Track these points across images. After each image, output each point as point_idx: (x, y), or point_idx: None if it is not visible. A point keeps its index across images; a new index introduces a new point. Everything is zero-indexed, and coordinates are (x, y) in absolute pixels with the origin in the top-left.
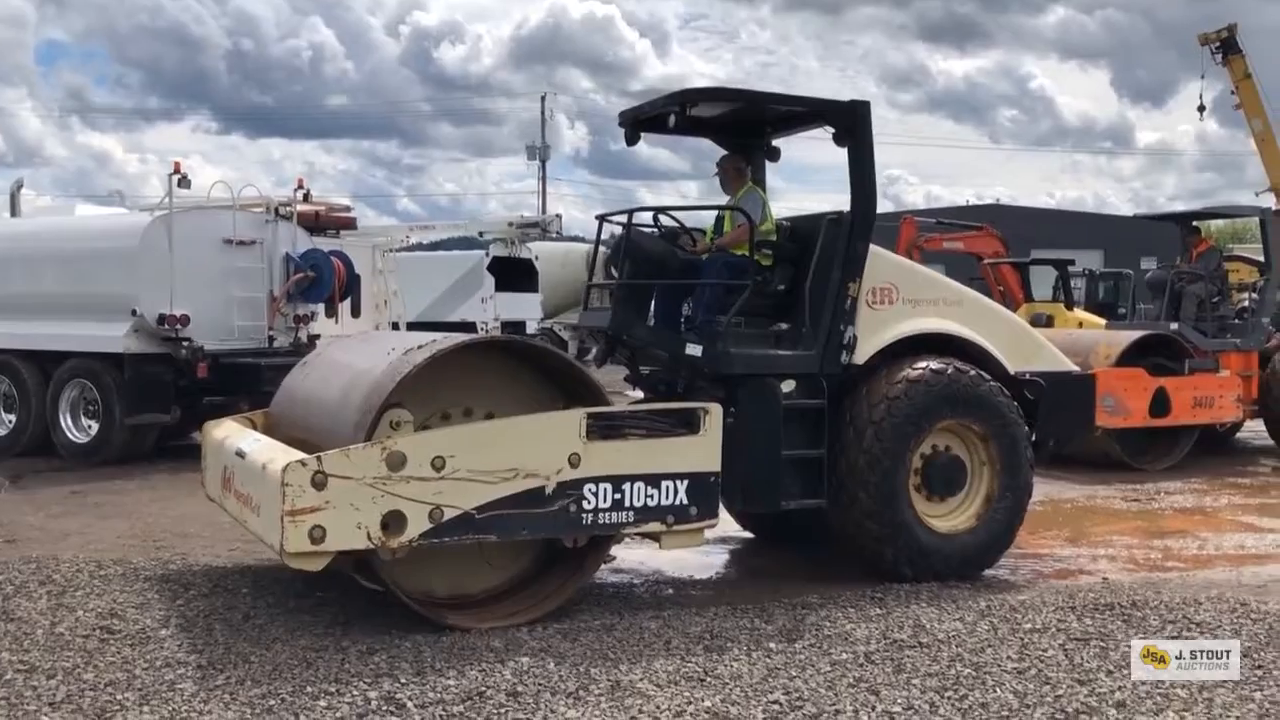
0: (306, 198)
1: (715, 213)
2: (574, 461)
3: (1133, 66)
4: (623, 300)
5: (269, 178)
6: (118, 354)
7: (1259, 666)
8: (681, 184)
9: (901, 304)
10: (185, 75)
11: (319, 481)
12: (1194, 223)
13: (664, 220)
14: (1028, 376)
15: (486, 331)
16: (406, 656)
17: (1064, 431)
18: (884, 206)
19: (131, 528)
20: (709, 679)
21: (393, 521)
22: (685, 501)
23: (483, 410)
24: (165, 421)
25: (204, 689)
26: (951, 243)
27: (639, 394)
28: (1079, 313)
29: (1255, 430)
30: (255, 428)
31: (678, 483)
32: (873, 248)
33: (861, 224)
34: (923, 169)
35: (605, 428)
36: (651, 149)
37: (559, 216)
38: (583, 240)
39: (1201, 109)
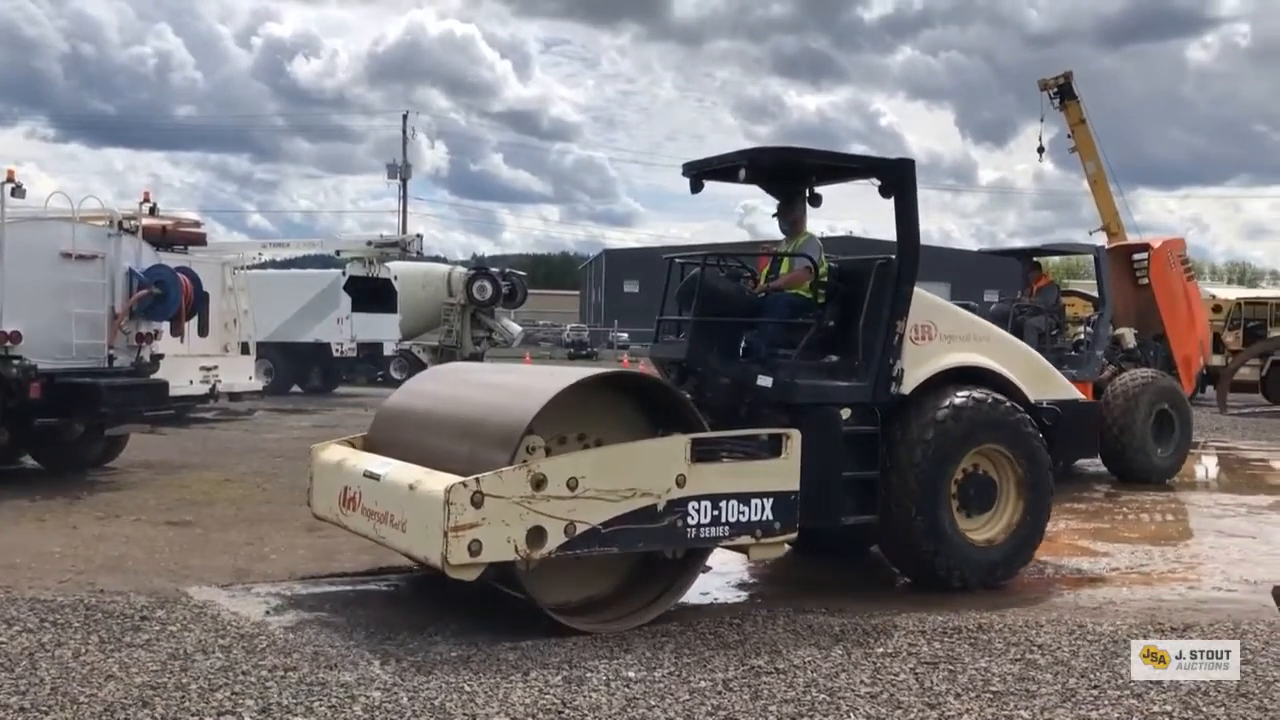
0: (153, 211)
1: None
2: (680, 482)
3: (976, 108)
4: (696, 335)
5: (112, 189)
6: None
7: (1095, 686)
8: (543, 207)
9: (940, 340)
10: (18, 78)
11: (477, 500)
12: (1034, 259)
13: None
14: (1045, 405)
15: (341, 352)
16: (252, 694)
17: (1074, 454)
18: (741, 235)
19: None
20: (567, 711)
21: (535, 536)
22: (771, 517)
23: (592, 435)
24: None
25: None
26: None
27: None
28: None
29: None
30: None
31: (764, 500)
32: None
33: (908, 268)
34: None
35: (705, 451)
36: (512, 170)
37: (420, 236)
38: (443, 261)
39: (1041, 150)
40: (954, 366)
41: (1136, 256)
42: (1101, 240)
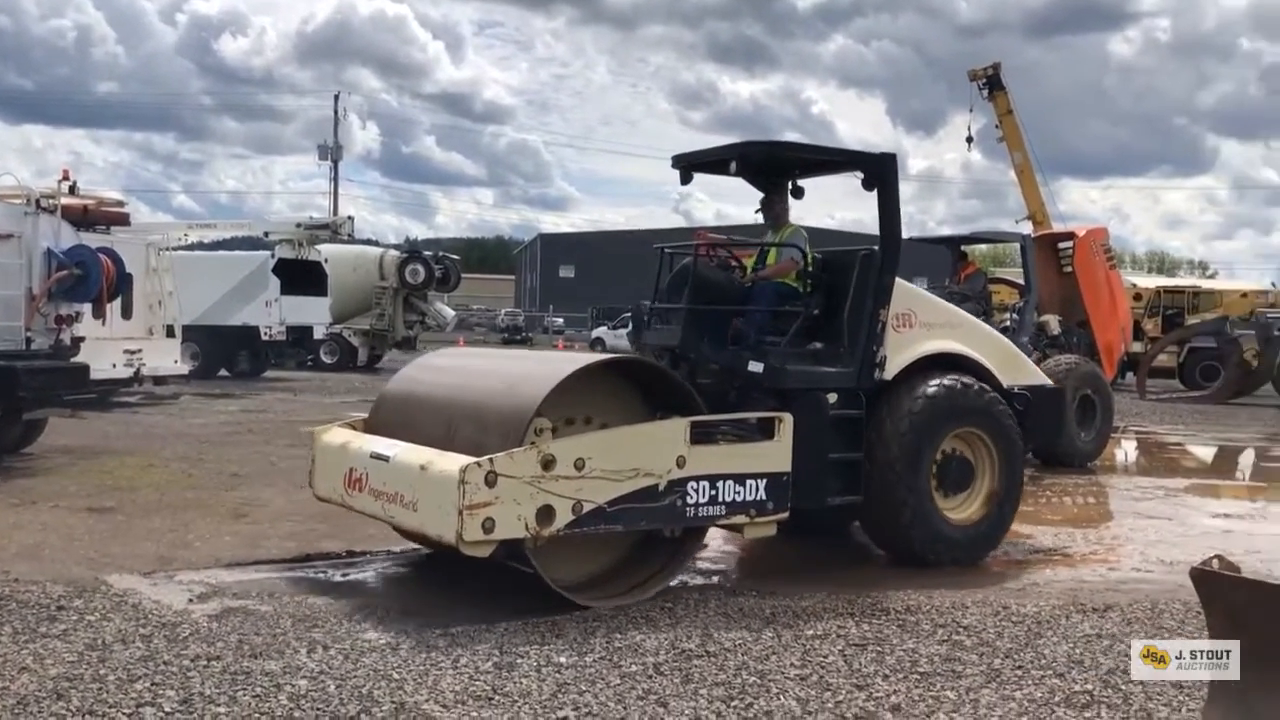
0: (73, 190)
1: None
2: (681, 463)
3: (906, 97)
4: (689, 323)
5: (30, 167)
6: None
7: (1019, 667)
8: (477, 190)
9: (919, 327)
10: None
11: (490, 480)
12: (962, 247)
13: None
14: (1016, 390)
15: (270, 336)
16: (173, 684)
17: (1043, 437)
18: (674, 221)
19: None
20: (497, 697)
21: (544, 514)
22: (764, 497)
23: (595, 419)
24: None
25: None
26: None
27: None
28: None
29: None
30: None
31: (758, 481)
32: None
33: (890, 259)
34: (713, 187)
35: (703, 434)
36: (445, 153)
37: (351, 218)
38: (375, 244)
39: (969, 140)
40: (933, 353)
41: (1061, 245)
42: (1027, 229)
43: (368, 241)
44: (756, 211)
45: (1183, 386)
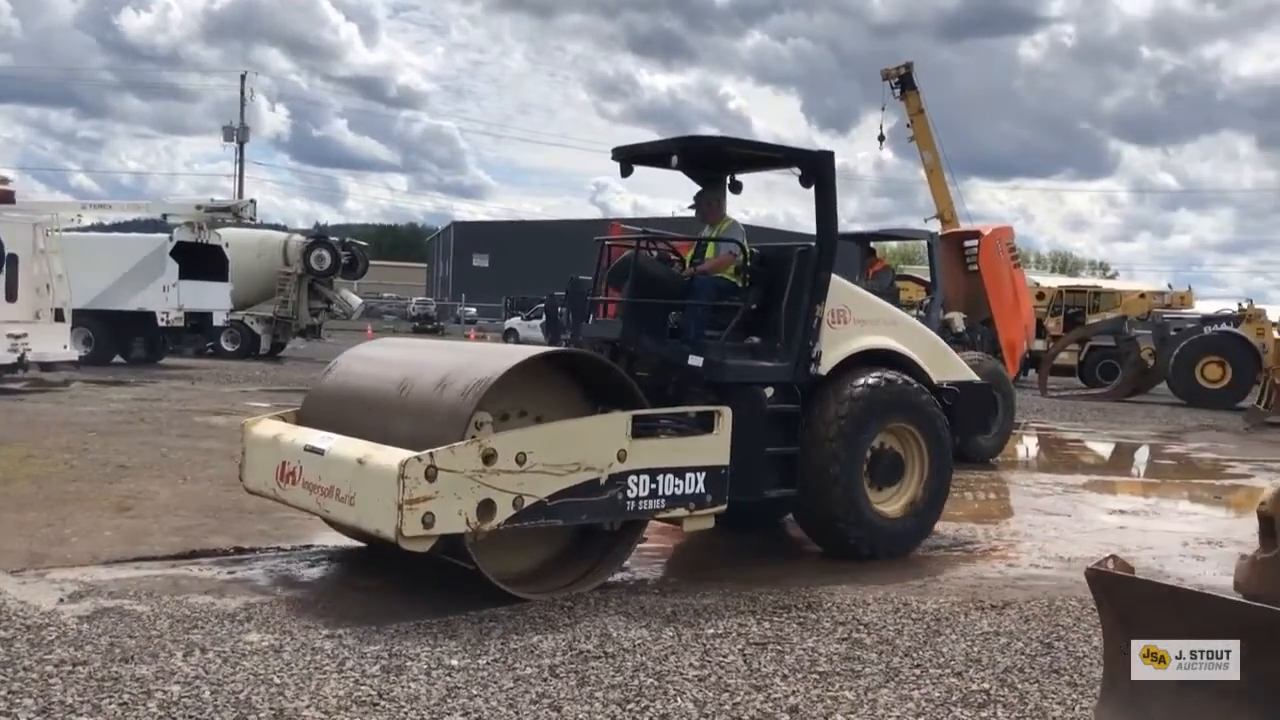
0: None
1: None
2: (621, 457)
3: (821, 95)
4: (629, 316)
5: None
6: None
7: (918, 665)
8: (389, 176)
9: (854, 323)
10: None
11: (430, 474)
12: (871, 243)
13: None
14: (945, 385)
15: (167, 322)
16: (31, 692)
17: (970, 430)
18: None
19: None
20: (383, 703)
21: (485, 508)
22: (703, 490)
23: (533, 412)
24: None
25: None
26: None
27: None
28: None
29: None
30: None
31: (697, 474)
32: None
33: (826, 255)
34: (629, 179)
35: (643, 427)
36: (357, 137)
37: (253, 202)
38: (281, 228)
39: (881, 139)
40: (867, 349)
41: (967, 243)
42: (936, 227)
43: (275, 226)
44: (690, 207)
45: (1082, 384)
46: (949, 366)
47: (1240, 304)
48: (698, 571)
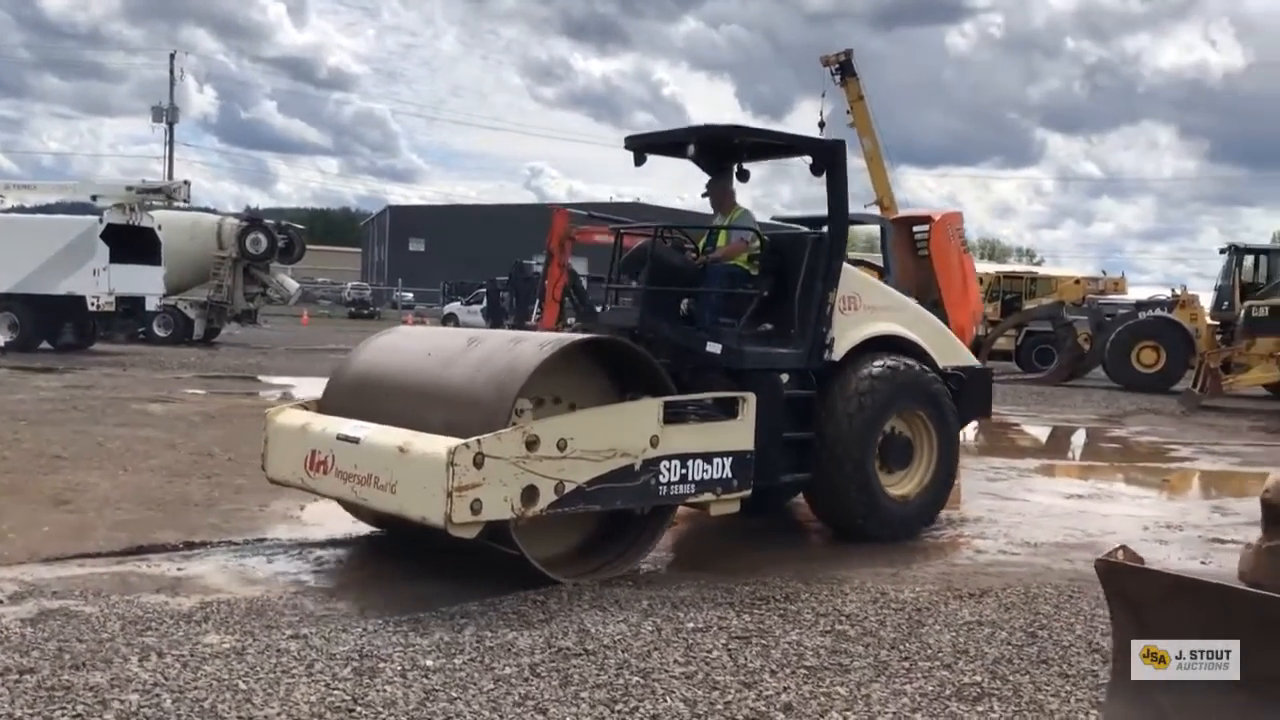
0: None
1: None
2: (654, 442)
3: (755, 81)
4: (648, 303)
5: None
6: None
7: (906, 658)
8: (320, 159)
9: (864, 310)
10: None
11: (478, 461)
12: (824, 228)
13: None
14: (950, 370)
15: (98, 306)
16: None
17: (974, 414)
18: (527, 198)
19: None
20: (359, 708)
21: (529, 494)
22: (730, 475)
23: (565, 399)
24: None
25: None
26: (603, 235)
27: None
28: None
29: None
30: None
31: (724, 459)
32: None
33: (837, 243)
34: (565, 164)
35: (674, 413)
36: (287, 119)
37: (187, 183)
38: (213, 211)
39: (821, 125)
40: (877, 335)
41: (917, 228)
42: (875, 213)
43: (205, 209)
44: (704, 195)
45: (1019, 369)
46: (954, 352)
47: (1174, 290)
48: (668, 560)
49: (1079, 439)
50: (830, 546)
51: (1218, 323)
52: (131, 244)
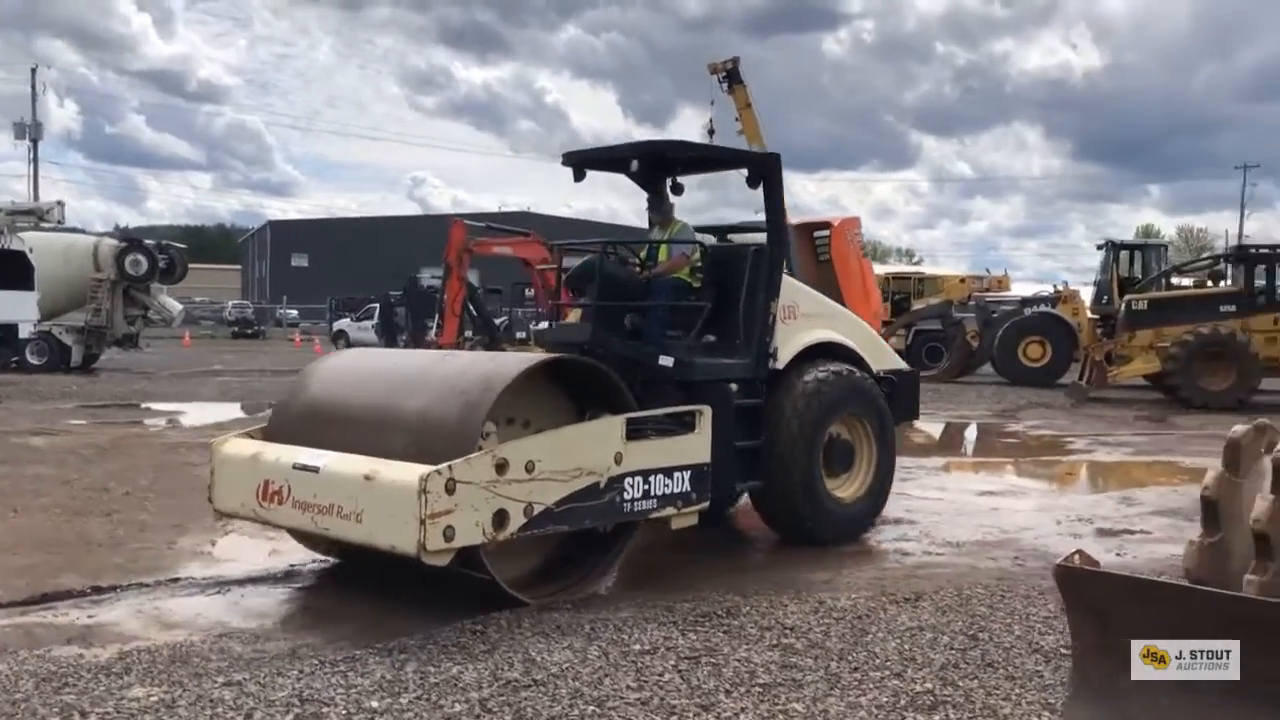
0: None
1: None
2: (618, 460)
3: (637, 89)
4: (597, 319)
5: None
6: None
7: (856, 669)
8: (192, 174)
9: (803, 319)
10: None
11: (450, 487)
12: (727, 235)
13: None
14: (882, 374)
15: None
16: None
17: (903, 415)
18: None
19: None
20: None
21: (499, 518)
22: (689, 488)
23: (521, 418)
24: None
25: None
26: (501, 248)
27: None
28: None
29: None
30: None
31: (684, 473)
32: None
33: (777, 254)
34: (448, 173)
35: (634, 430)
36: (156, 134)
37: (61, 204)
38: (81, 232)
39: (711, 132)
40: (816, 342)
41: (818, 234)
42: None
43: (72, 229)
44: (648, 209)
45: (909, 367)
46: (884, 356)
47: (1056, 286)
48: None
49: (979, 435)
50: (759, 555)
51: (1098, 316)
52: (1, 269)
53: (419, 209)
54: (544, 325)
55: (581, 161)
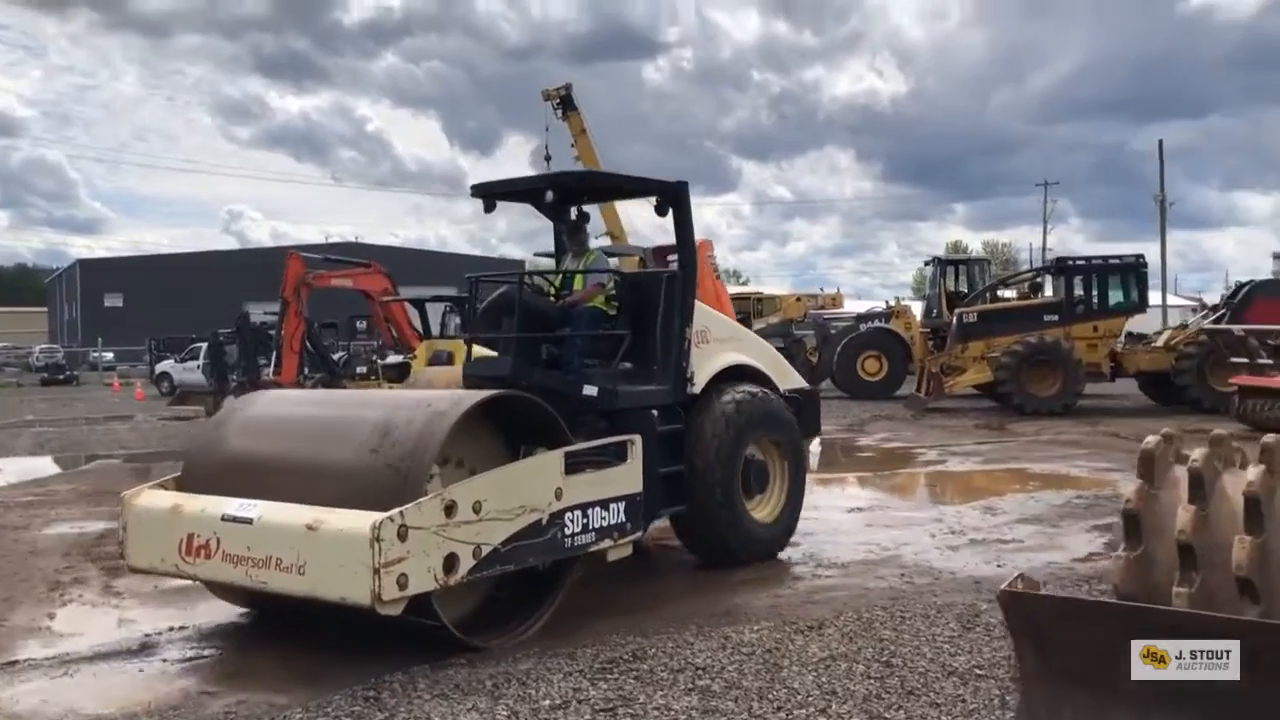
0: None
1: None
2: (558, 495)
3: (461, 116)
4: (518, 350)
5: None
6: None
7: (780, 708)
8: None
9: (714, 343)
10: None
11: (403, 534)
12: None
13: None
14: (788, 393)
15: None
16: None
17: (808, 432)
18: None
19: None
20: None
21: (450, 562)
22: (624, 519)
23: (456, 457)
24: None
25: None
26: (341, 280)
27: None
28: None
29: None
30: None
31: (619, 504)
32: None
33: (689, 279)
34: (267, 205)
35: (571, 464)
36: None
37: None
38: None
39: (548, 159)
40: (728, 365)
41: (672, 258)
42: (607, 243)
43: None
44: (565, 237)
45: (810, 385)
46: (789, 376)
47: (888, 301)
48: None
49: (834, 451)
50: (648, 588)
51: (929, 330)
52: None
53: (236, 242)
54: (393, 359)
55: (490, 193)
